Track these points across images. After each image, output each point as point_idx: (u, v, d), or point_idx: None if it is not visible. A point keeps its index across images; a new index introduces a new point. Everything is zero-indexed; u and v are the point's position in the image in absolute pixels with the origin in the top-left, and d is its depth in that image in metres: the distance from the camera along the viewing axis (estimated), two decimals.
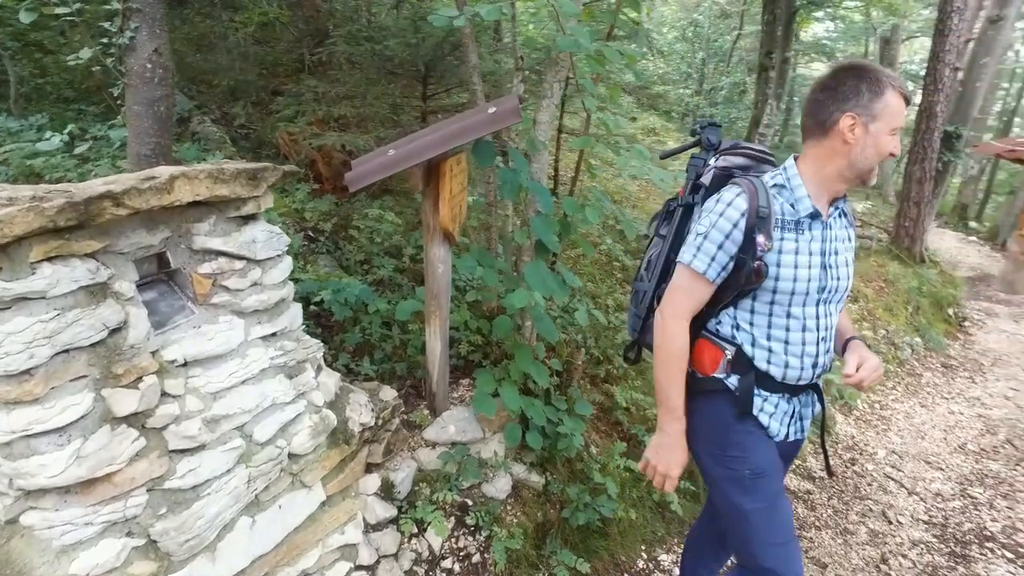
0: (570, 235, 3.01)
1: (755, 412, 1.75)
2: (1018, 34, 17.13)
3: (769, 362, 1.72)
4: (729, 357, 1.75)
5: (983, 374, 5.85)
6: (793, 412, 1.81)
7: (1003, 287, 8.59)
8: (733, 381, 1.75)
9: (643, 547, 3.04)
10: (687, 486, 3.25)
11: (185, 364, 1.69)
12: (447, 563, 2.50)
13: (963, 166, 15.12)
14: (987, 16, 9.60)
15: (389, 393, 2.73)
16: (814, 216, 1.68)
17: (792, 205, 1.68)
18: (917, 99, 7.68)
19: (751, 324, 1.72)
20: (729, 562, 2.33)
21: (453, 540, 2.60)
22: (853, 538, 3.35)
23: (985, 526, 3.48)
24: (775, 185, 1.71)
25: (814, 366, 1.75)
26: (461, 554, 2.56)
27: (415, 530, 2.55)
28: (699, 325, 1.79)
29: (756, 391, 1.74)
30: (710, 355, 1.77)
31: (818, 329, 1.73)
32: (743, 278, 1.65)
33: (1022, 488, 3.86)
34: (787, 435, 1.81)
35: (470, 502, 2.72)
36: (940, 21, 7.55)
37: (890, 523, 3.50)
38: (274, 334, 2.03)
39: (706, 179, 1.85)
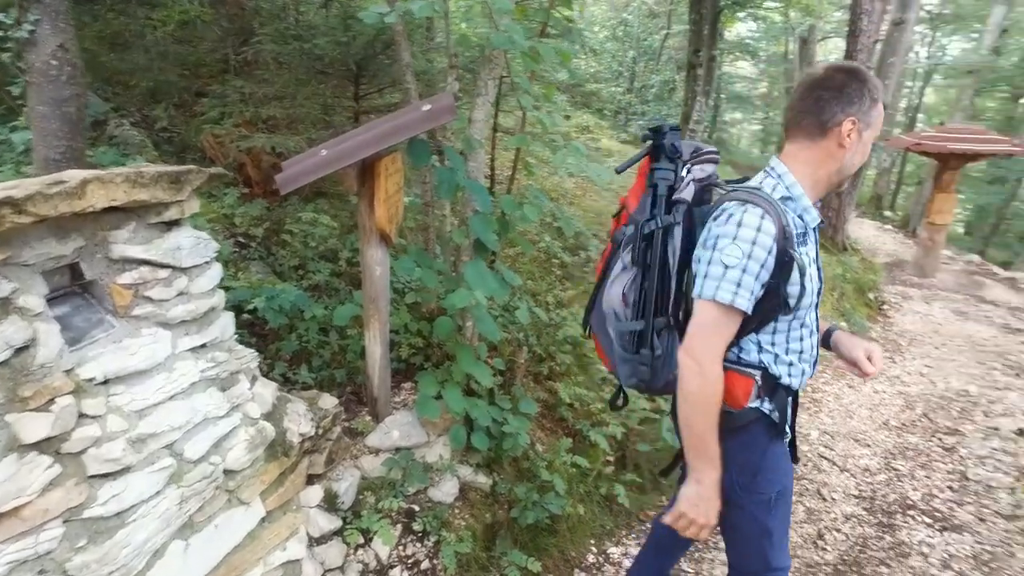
0: (509, 234, 3.00)
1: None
2: (917, 36, 18.26)
3: (790, 375, 1.67)
4: (759, 383, 1.64)
5: (901, 353, 6.19)
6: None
7: (915, 271, 9.12)
8: (768, 406, 1.67)
9: (592, 541, 3.06)
10: (633, 478, 3.30)
11: (106, 382, 1.57)
12: (395, 572, 2.44)
13: (877, 159, 16.04)
14: (892, 19, 10.18)
15: (329, 401, 2.65)
16: (818, 225, 1.64)
17: (800, 217, 1.60)
18: None
19: (773, 344, 1.64)
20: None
21: (401, 548, 2.54)
22: (792, 517, 3.48)
23: (907, 495, 3.69)
24: (781, 198, 1.58)
25: (813, 365, 1.75)
26: (410, 562, 2.50)
27: (361, 540, 2.48)
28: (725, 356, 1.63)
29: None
30: (742, 386, 1.64)
31: (816, 331, 1.73)
32: (781, 305, 1.55)
33: (937, 458, 4.11)
34: None
35: (417, 508, 2.67)
36: (852, 23, 7.95)
37: (824, 500, 3.65)
38: (204, 345, 1.93)
39: (686, 194, 1.65)
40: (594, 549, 3.03)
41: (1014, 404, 4.77)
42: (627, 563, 2.98)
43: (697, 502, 1.61)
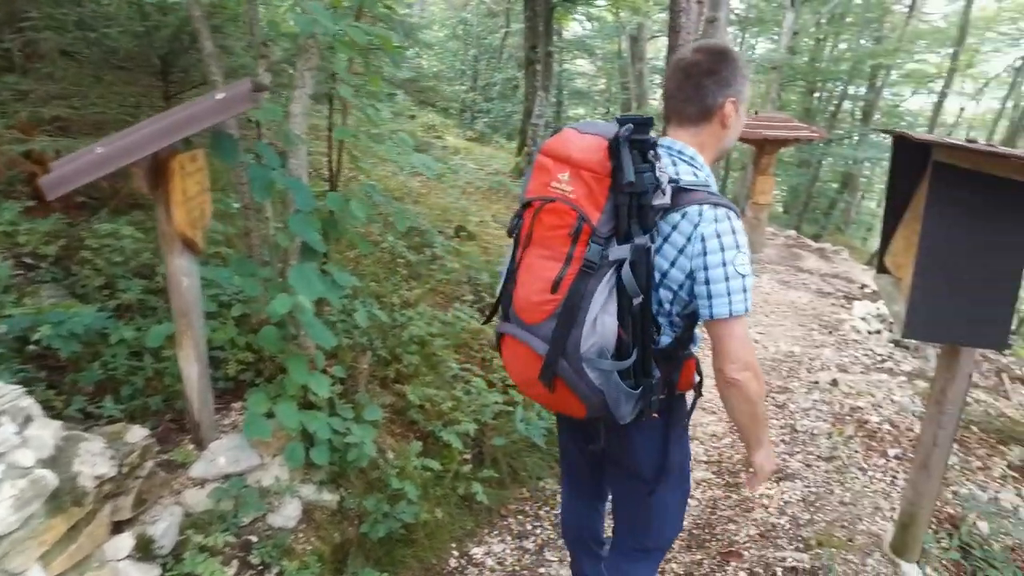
0: (339, 233, 2.81)
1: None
2: (730, 36, 20.09)
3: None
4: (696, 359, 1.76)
5: None
6: None
7: None
8: (697, 377, 1.77)
9: (453, 545, 2.96)
10: (491, 474, 3.23)
11: None
12: None
13: None
14: (705, 17, 11.08)
15: (137, 433, 2.32)
16: None
17: None
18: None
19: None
20: None
21: None
22: None
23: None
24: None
25: None
26: None
27: None
28: (685, 348, 1.67)
29: None
30: (693, 367, 1.74)
31: None
32: None
33: (772, 416, 4.45)
34: None
35: (254, 538, 2.41)
36: (672, 20, 8.48)
37: None
38: None
39: (668, 199, 1.45)
40: (455, 552, 2.93)
41: (829, 359, 5.34)
42: (490, 562, 2.91)
43: (769, 457, 1.80)
